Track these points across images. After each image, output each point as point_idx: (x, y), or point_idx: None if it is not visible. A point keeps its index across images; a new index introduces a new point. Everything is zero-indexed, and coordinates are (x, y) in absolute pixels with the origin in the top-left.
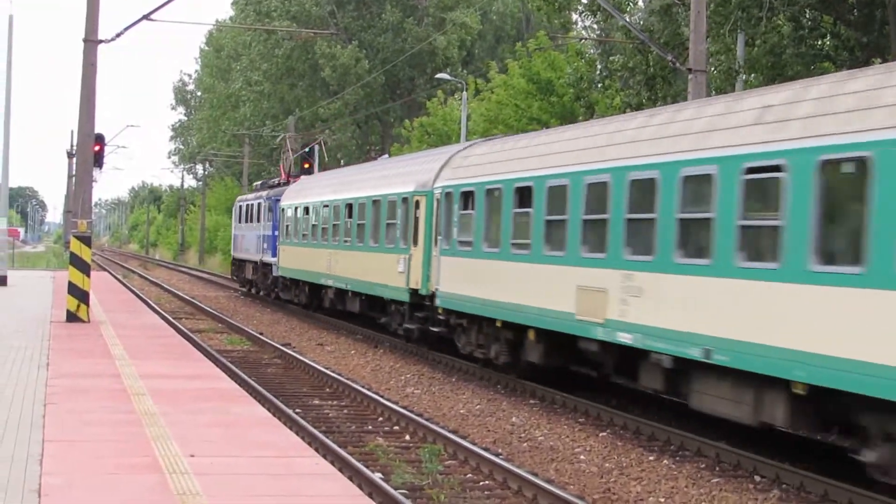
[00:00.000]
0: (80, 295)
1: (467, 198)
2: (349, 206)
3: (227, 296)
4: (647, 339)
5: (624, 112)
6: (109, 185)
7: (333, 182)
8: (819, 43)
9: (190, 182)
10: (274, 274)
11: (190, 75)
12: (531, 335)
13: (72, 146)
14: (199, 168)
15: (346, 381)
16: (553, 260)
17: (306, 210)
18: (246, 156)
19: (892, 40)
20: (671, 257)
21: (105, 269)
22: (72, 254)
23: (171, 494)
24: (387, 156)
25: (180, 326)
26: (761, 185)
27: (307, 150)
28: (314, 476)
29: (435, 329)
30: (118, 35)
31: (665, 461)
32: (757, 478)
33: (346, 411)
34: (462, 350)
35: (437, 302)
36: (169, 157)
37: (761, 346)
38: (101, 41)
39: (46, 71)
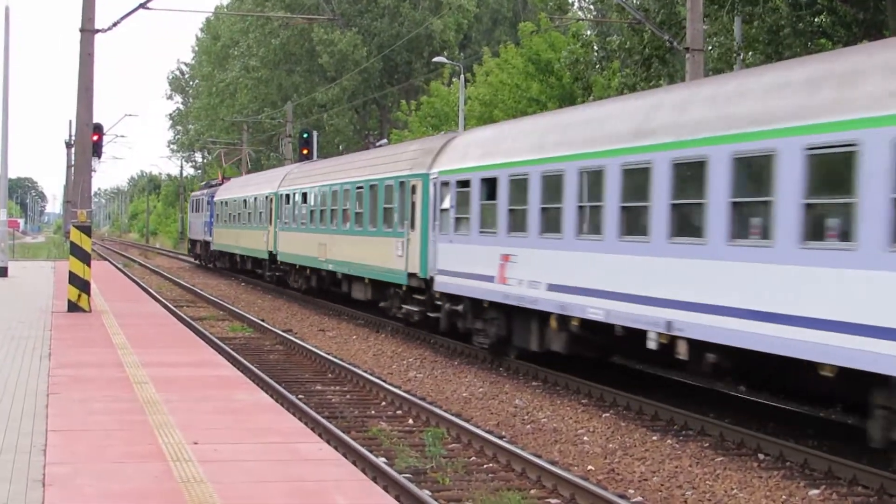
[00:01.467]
0: (81, 284)
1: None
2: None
3: (228, 283)
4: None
5: (621, 93)
6: (108, 175)
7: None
8: (816, 20)
9: (189, 170)
10: (210, 248)
11: (186, 64)
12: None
13: (70, 136)
14: (198, 156)
15: (348, 366)
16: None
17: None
18: (244, 143)
19: (890, 16)
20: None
21: (105, 259)
22: (72, 244)
23: (176, 482)
24: (385, 141)
25: (182, 314)
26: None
27: (305, 135)
28: (318, 461)
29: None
30: (115, 24)
31: (668, 441)
32: (761, 456)
33: (348, 396)
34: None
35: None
36: (168, 146)
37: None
38: (97, 31)
39: (44, 61)
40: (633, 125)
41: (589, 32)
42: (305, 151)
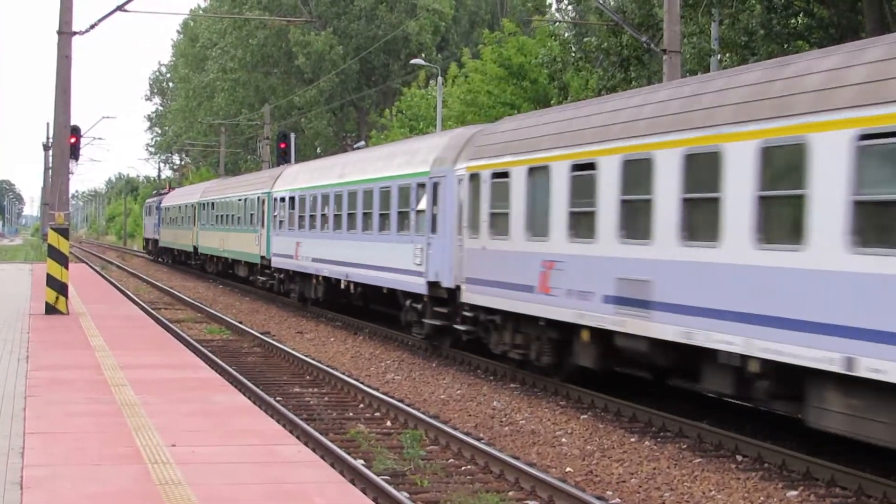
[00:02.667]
0: (59, 287)
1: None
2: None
3: (206, 285)
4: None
5: (600, 95)
6: (86, 177)
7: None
8: (793, 21)
9: (167, 173)
10: (159, 245)
11: (166, 65)
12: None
13: (47, 138)
14: (176, 158)
15: (326, 368)
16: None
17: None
18: (222, 145)
19: (866, 17)
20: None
21: (83, 261)
22: (49, 246)
23: (154, 484)
24: (363, 143)
25: (159, 317)
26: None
27: (283, 136)
28: (296, 464)
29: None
30: (92, 27)
31: (647, 442)
32: (739, 457)
33: (326, 398)
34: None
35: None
36: (146, 148)
37: None
38: (75, 33)
39: (21, 63)
40: None
41: (567, 34)
42: (283, 146)
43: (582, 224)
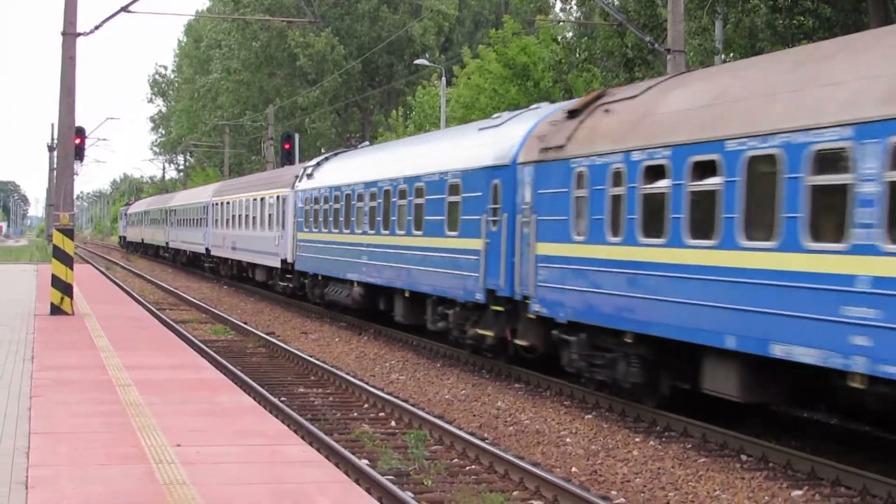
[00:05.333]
0: (64, 288)
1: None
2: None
3: (211, 286)
4: None
5: None
6: (91, 178)
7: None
8: (797, 20)
9: (171, 173)
10: (126, 240)
11: (166, 67)
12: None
13: (52, 139)
14: (181, 159)
15: (330, 368)
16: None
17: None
18: (226, 145)
19: (871, 16)
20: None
21: (88, 262)
22: (55, 247)
23: (158, 484)
24: (367, 143)
25: (164, 317)
26: None
27: (287, 137)
28: (301, 463)
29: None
30: (97, 28)
31: (651, 442)
32: (743, 457)
33: (331, 399)
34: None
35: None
36: (150, 148)
37: None
38: (79, 34)
39: (26, 64)
40: None
41: (570, 34)
42: (287, 146)
43: None
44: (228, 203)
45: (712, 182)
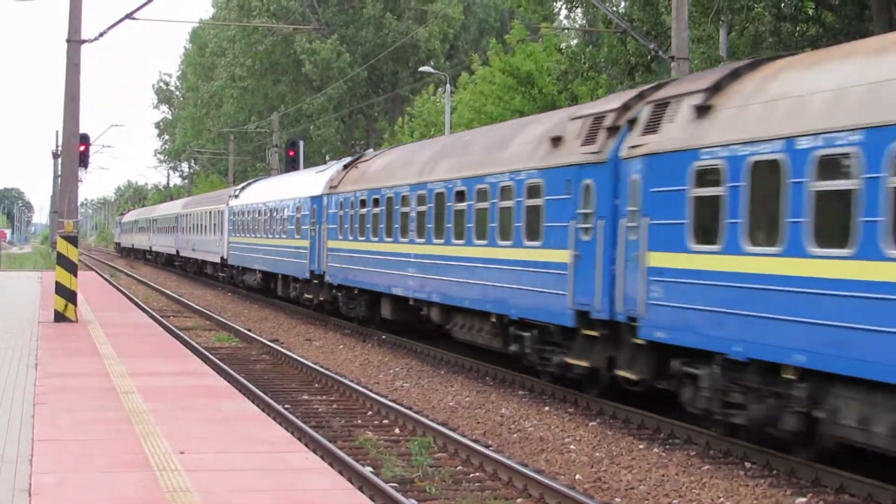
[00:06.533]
0: (68, 295)
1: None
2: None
3: (215, 293)
4: None
5: None
6: (95, 185)
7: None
8: (801, 28)
9: (176, 180)
10: (121, 246)
11: (170, 75)
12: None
13: (57, 146)
14: (185, 166)
15: (335, 375)
16: None
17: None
18: (231, 152)
19: (875, 24)
20: None
21: (92, 269)
22: (59, 254)
23: (162, 491)
24: (371, 150)
25: (168, 324)
26: None
27: (292, 144)
28: (305, 471)
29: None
30: (101, 34)
31: (655, 449)
32: (747, 464)
33: (335, 406)
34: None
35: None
36: (155, 155)
37: None
38: (84, 41)
39: (30, 71)
40: None
41: (575, 42)
42: (292, 153)
43: None
44: (191, 214)
45: None
